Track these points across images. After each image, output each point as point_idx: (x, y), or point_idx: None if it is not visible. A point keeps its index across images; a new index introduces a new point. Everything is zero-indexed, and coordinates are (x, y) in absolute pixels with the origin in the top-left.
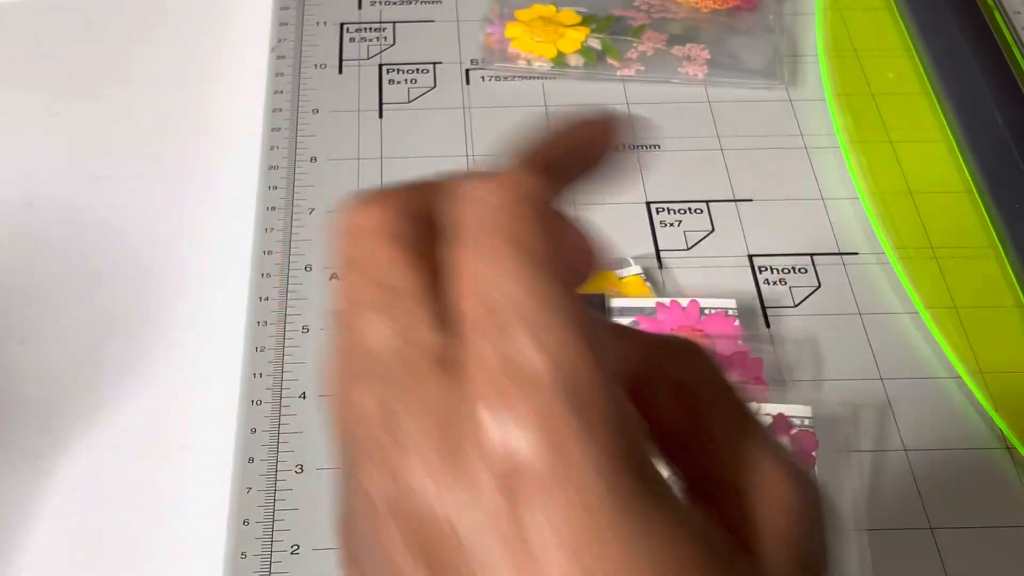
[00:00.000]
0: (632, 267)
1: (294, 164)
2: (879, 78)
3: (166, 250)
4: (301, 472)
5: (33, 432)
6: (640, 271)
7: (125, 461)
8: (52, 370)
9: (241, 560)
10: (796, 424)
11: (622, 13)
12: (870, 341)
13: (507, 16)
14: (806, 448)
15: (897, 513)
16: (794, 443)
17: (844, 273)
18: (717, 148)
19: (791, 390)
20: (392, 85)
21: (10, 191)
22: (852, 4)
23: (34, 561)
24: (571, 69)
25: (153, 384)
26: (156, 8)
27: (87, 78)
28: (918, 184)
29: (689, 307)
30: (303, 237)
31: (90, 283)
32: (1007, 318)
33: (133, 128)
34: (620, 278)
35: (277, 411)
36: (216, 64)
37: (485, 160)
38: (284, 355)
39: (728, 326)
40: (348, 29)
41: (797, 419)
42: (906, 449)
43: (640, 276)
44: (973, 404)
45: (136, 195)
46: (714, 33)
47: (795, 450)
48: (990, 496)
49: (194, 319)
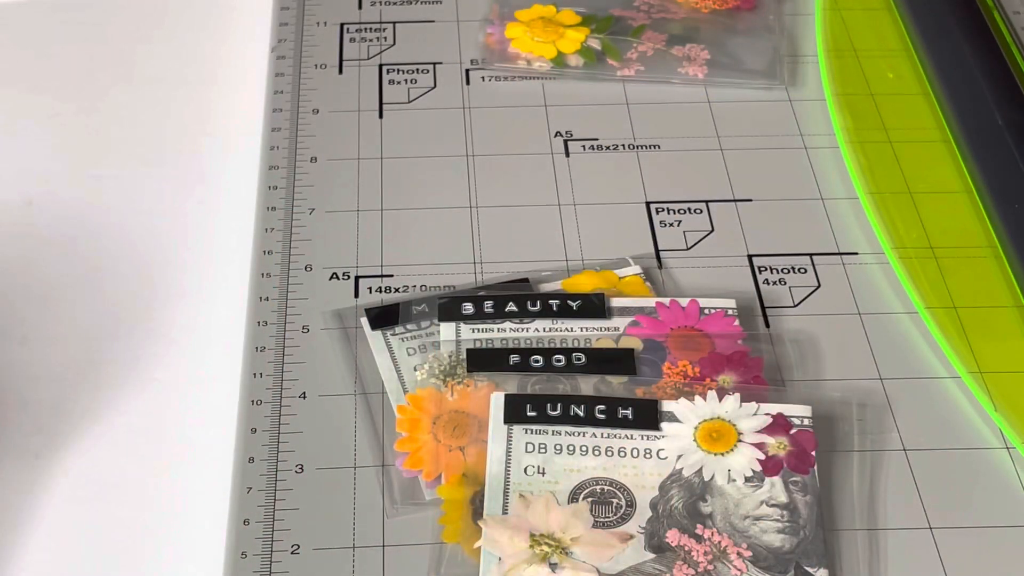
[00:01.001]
0: (632, 267)
1: (294, 164)
2: (879, 78)
3: (166, 250)
4: (301, 472)
5: (33, 432)
6: (640, 271)
7: (125, 461)
8: (52, 370)
9: (241, 560)
10: (795, 424)
11: (622, 13)
12: (870, 341)
13: (507, 16)
14: (805, 448)
15: (897, 513)
16: (793, 443)
17: (844, 273)
18: (717, 148)
19: (790, 390)
20: (392, 85)
21: (10, 191)
22: (852, 4)
23: (34, 561)
24: (571, 69)
25: (153, 384)
26: (156, 8)
27: (87, 78)
28: (918, 184)
29: (689, 307)
30: (303, 237)
31: (90, 283)
32: (1007, 318)
33: (133, 128)
34: (620, 278)
35: (277, 411)
36: (216, 64)
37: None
38: (284, 355)
39: (727, 326)
40: (348, 29)
41: (796, 419)
42: (906, 449)
43: (640, 276)
44: (973, 404)
45: (136, 195)
46: (714, 33)
47: (794, 450)
48: (990, 496)
49: (194, 319)
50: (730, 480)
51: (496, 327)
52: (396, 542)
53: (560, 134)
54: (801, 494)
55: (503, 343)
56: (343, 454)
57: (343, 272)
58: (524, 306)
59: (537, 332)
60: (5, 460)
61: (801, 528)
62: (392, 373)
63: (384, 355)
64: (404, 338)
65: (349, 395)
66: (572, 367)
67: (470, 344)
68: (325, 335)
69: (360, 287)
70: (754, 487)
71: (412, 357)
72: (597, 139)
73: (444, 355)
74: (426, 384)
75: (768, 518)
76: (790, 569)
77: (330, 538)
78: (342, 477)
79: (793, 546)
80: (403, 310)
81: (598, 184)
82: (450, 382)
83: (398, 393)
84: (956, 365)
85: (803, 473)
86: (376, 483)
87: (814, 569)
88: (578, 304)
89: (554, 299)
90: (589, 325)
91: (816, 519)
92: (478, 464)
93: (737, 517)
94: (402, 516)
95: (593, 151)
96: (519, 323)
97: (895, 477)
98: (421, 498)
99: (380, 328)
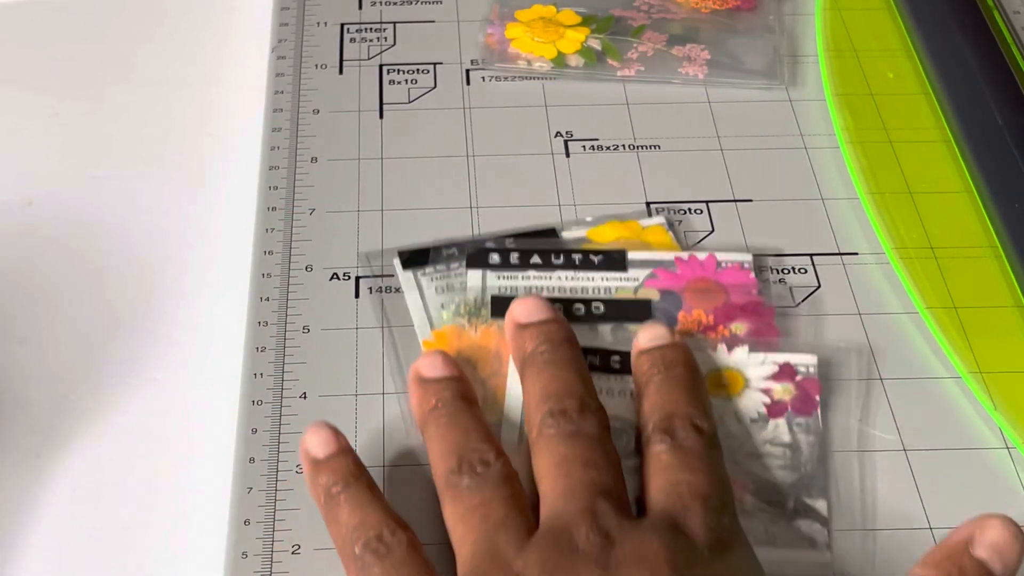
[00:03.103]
0: (655, 216)
1: (295, 164)
2: (879, 78)
3: (166, 250)
4: (301, 472)
5: (33, 432)
6: (663, 221)
7: (125, 461)
8: (52, 370)
9: (242, 560)
10: (801, 372)
11: (622, 13)
12: (870, 341)
13: (507, 16)
14: (810, 393)
15: (897, 513)
16: (798, 388)
17: (844, 273)
18: (717, 148)
19: (797, 339)
20: (392, 85)
21: (10, 191)
22: (852, 4)
23: (34, 561)
24: (571, 69)
25: (153, 384)
26: (157, 8)
27: (88, 78)
28: (918, 184)
29: (706, 260)
30: (304, 237)
31: (90, 283)
32: (1007, 318)
33: (134, 128)
34: (643, 227)
35: (277, 411)
36: (216, 64)
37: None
38: (284, 355)
39: (744, 277)
40: (348, 29)
41: (802, 367)
42: (906, 449)
43: (663, 226)
44: (973, 404)
45: (136, 195)
46: (714, 33)
47: (799, 395)
48: (990, 496)
49: (194, 319)
50: (736, 421)
51: (520, 275)
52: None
53: (560, 134)
54: (804, 434)
55: (527, 291)
56: None
57: (343, 272)
58: (548, 258)
59: (560, 282)
60: (5, 460)
61: (803, 465)
62: (420, 310)
63: (413, 293)
64: (433, 278)
65: (350, 395)
66: (591, 315)
67: (495, 291)
68: (326, 335)
69: (360, 287)
70: (759, 427)
71: (439, 296)
72: (597, 139)
73: (470, 297)
74: (451, 322)
75: (771, 456)
76: (790, 501)
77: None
78: None
79: (794, 480)
80: (433, 253)
81: (598, 184)
82: (474, 321)
83: (424, 328)
84: (956, 365)
85: (807, 415)
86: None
87: (814, 500)
88: (600, 258)
89: (577, 253)
90: (609, 276)
91: (817, 457)
92: (496, 396)
93: (741, 454)
94: (419, 440)
95: (593, 151)
96: (543, 273)
97: (895, 477)
98: None
99: (411, 269)
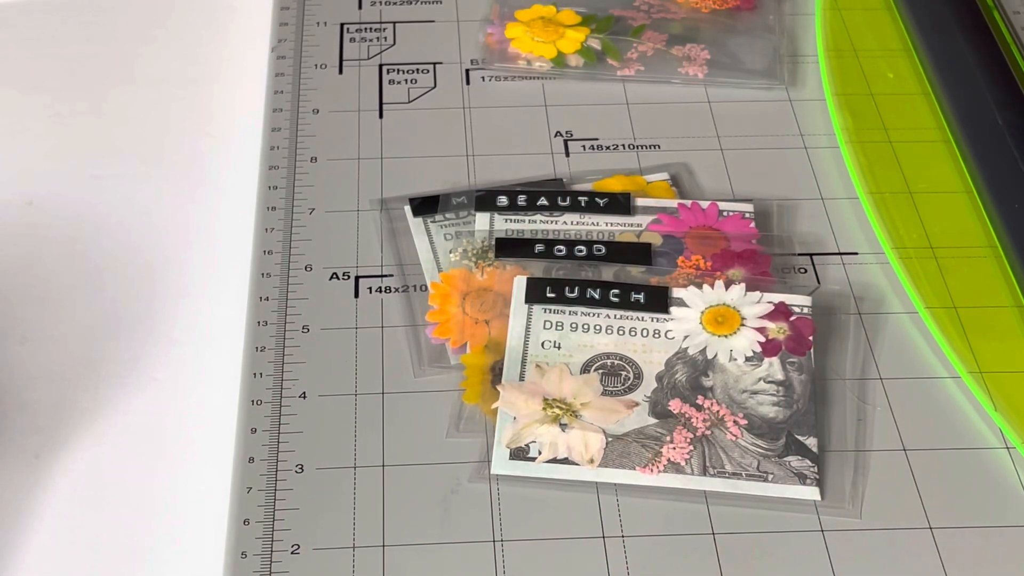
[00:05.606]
0: (660, 173)
1: (294, 164)
2: (878, 78)
3: (166, 250)
4: (301, 472)
5: (33, 432)
6: (667, 177)
7: (125, 461)
8: (52, 370)
9: (241, 560)
10: (796, 312)
11: (622, 13)
12: (870, 341)
13: (507, 16)
14: (803, 333)
15: (897, 513)
16: (792, 328)
17: (844, 273)
18: (717, 148)
19: (792, 283)
20: (392, 85)
21: (10, 191)
22: (852, 4)
23: (34, 561)
24: (571, 69)
25: (153, 384)
26: (157, 8)
27: (88, 78)
28: (917, 184)
29: (709, 208)
30: (303, 237)
31: (90, 283)
32: (1007, 318)
33: (133, 128)
34: (648, 182)
35: (277, 411)
36: (216, 64)
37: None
38: (284, 355)
39: (744, 227)
40: (348, 29)
41: (797, 307)
42: (906, 449)
43: (667, 181)
44: (973, 404)
45: (136, 195)
46: (714, 33)
47: (793, 334)
48: (990, 496)
49: (194, 319)
50: (731, 359)
51: (527, 218)
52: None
53: (560, 134)
54: (797, 373)
55: (533, 234)
56: (343, 454)
57: (343, 272)
58: (555, 201)
59: (565, 225)
60: (5, 460)
61: (795, 402)
62: (429, 254)
63: (423, 238)
64: (442, 225)
65: (350, 395)
66: (592, 257)
67: (501, 235)
68: (325, 334)
69: (360, 287)
70: (753, 365)
71: (448, 242)
72: (597, 139)
73: (477, 240)
74: (459, 265)
75: (764, 392)
76: (782, 436)
77: (330, 538)
78: (342, 477)
79: (786, 417)
80: (443, 200)
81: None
82: (480, 263)
83: (432, 271)
84: (956, 365)
85: (800, 355)
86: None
87: (804, 438)
88: (605, 201)
89: (583, 196)
90: (613, 220)
91: (810, 395)
92: (500, 337)
93: (736, 391)
94: (428, 376)
95: (593, 151)
96: (549, 216)
97: (895, 477)
98: (447, 363)
99: (421, 215)
